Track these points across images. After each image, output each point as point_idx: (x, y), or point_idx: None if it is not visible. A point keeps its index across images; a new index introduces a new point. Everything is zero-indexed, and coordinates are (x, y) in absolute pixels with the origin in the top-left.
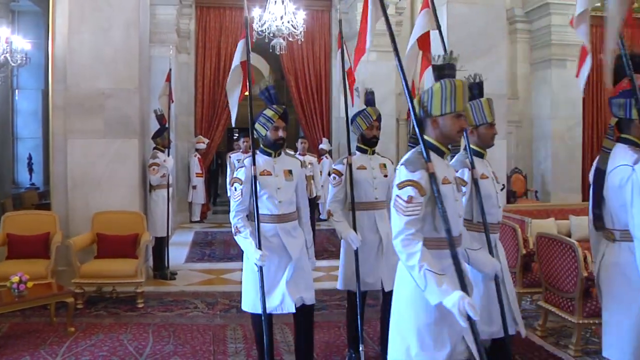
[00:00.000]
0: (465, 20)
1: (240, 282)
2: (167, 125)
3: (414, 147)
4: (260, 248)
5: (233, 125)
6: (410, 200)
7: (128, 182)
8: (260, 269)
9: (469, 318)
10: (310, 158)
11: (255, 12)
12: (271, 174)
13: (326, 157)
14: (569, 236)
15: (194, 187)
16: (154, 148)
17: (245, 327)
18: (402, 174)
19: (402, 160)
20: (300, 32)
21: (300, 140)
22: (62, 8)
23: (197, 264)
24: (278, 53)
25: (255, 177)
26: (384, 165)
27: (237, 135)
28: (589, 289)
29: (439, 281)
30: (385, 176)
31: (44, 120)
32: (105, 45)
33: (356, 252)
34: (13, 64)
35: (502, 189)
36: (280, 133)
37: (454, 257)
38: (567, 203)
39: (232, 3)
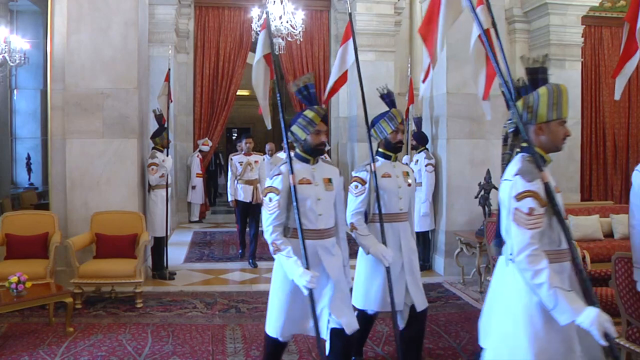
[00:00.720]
0: (463, 20)
1: (240, 283)
2: (166, 125)
3: (416, 149)
4: (308, 268)
5: (268, 127)
6: (531, 212)
7: (127, 182)
8: (311, 292)
9: (606, 335)
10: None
11: (254, 12)
12: (311, 183)
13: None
14: None
15: (194, 187)
16: (153, 148)
17: (244, 327)
18: (518, 184)
19: (515, 170)
20: (299, 32)
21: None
22: (60, 8)
23: (196, 264)
24: (277, 53)
25: (294, 186)
26: (407, 173)
27: (235, 135)
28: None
29: (571, 299)
30: (409, 185)
31: (42, 120)
32: (104, 45)
33: (388, 269)
34: (12, 64)
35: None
36: (323, 137)
37: (580, 270)
38: (566, 203)
39: (231, 3)
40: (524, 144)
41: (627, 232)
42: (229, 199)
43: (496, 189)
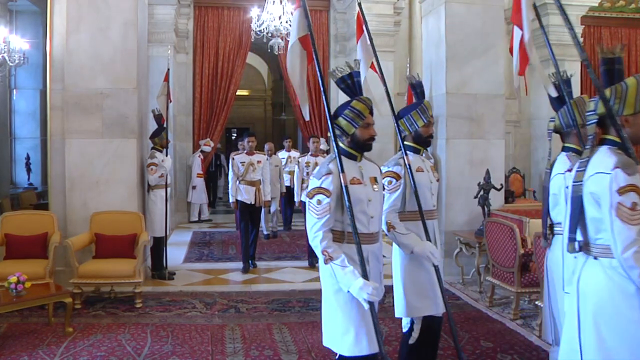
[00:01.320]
0: (463, 20)
1: (239, 283)
2: (165, 125)
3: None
4: (367, 277)
5: (307, 118)
6: (634, 207)
7: (126, 182)
8: (371, 305)
9: None
10: (323, 160)
11: (254, 12)
12: (361, 183)
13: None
14: None
15: (194, 187)
16: (152, 148)
17: (243, 327)
18: (620, 177)
19: (615, 163)
20: None
21: (312, 140)
22: (60, 8)
23: (195, 264)
24: (276, 53)
25: (346, 187)
26: (435, 168)
27: (235, 135)
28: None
29: None
30: (438, 180)
31: (42, 120)
32: (103, 45)
33: (437, 268)
34: (11, 64)
35: (500, 189)
36: (372, 131)
37: None
38: None
39: (231, 3)
40: (609, 137)
41: None
42: (230, 200)
43: (496, 188)
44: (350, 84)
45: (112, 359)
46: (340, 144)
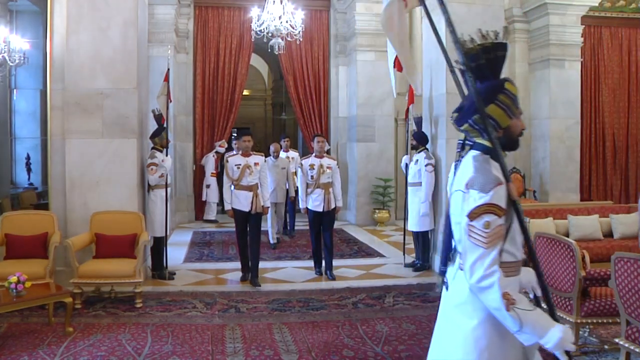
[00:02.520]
0: (463, 19)
1: (239, 283)
2: (165, 125)
3: (416, 148)
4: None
5: (418, 93)
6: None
7: (126, 182)
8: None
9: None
10: (329, 161)
11: (254, 11)
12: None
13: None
14: (567, 236)
15: (208, 186)
16: (152, 148)
17: (243, 327)
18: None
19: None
20: (299, 31)
21: (316, 139)
22: (60, 8)
23: (195, 264)
24: (277, 53)
25: (515, 201)
26: None
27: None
28: (587, 289)
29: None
30: None
31: (42, 120)
32: (103, 45)
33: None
34: (11, 64)
35: None
36: (523, 124)
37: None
38: (566, 203)
39: (231, 3)
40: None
41: (627, 231)
42: (226, 208)
43: None
44: (492, 59)
45: (112, 359)
46: (484, 142)
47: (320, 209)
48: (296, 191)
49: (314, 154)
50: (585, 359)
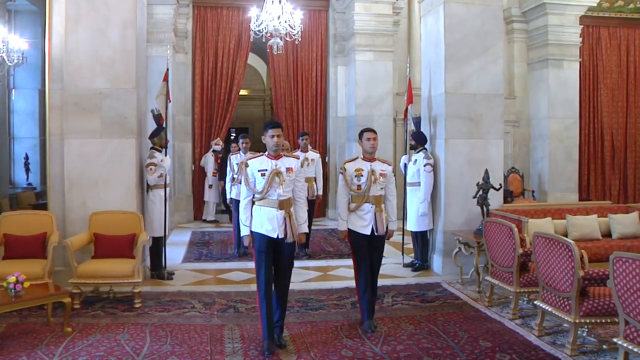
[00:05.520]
0: (462, 20)
1: (238, 283)
2: (164, 125)
3: (414, 148)
4: None
5: None
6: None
7: (125, 182)
8: None
9: None
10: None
11: (253, 11)
12: None
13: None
14: (566, 236)
15: (210, 187)
16: (151, 148)
17: (242, 327)
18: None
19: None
20: (298, 31)
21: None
22: (59, 7)
23: (194, 264)
24: (275, 53)
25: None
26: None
27: (234, 135)
28: (586, 289)
29: None
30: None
31: (40, 120)
32: (102, 44)
33: None
34: (10, 64)
35: (499, 189)
36: None
37: None
38: (564, 203)
39: (230, 3)
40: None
41: (625, 231)
42: (243, 233)
43: (494, 188)
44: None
45: (111, 359)
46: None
47: (367, 232)
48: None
49: (361, 156)
50: (583, 359)
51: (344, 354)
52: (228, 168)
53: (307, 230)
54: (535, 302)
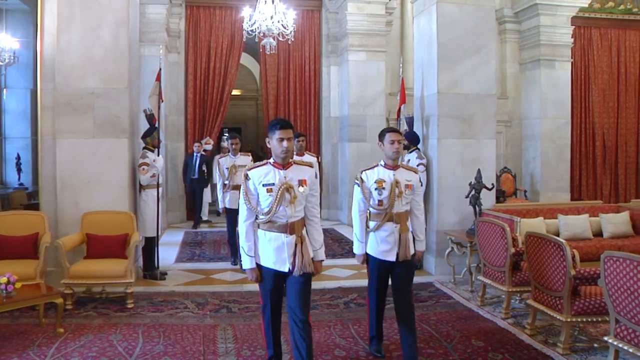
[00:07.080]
0: (455, 20)
1: (231, 283)
2: (157, 125)
3: (407, 148)
4: None
5: None
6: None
7: (117, 182)
8: None
9: None
10: (408, 175)
11: (246, 11)
12: None
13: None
14: (558, 235)
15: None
16: (144, 148)
17: (235, 327)
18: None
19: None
20: (291, 31)
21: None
22: (50, 7)
23: (187, 264)
24: (268, 53)
25: None
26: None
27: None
28: (577, 288)
29: None
30: None
31: (32, 120)
32: (94, 44)
33: None
34: (1, 63)
35: (491, 188)
36: None
37: None
38: (556, 202)
39: (222, 2)
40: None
41: (616, 231)
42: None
43: (487, 188)
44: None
45: None
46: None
47: (391, 258)
48: None
49: (381, 162)
50: (575, 357)
51: (337, 354)
52: (217, 173)
53: (324, 258)
54: (527, 302)
